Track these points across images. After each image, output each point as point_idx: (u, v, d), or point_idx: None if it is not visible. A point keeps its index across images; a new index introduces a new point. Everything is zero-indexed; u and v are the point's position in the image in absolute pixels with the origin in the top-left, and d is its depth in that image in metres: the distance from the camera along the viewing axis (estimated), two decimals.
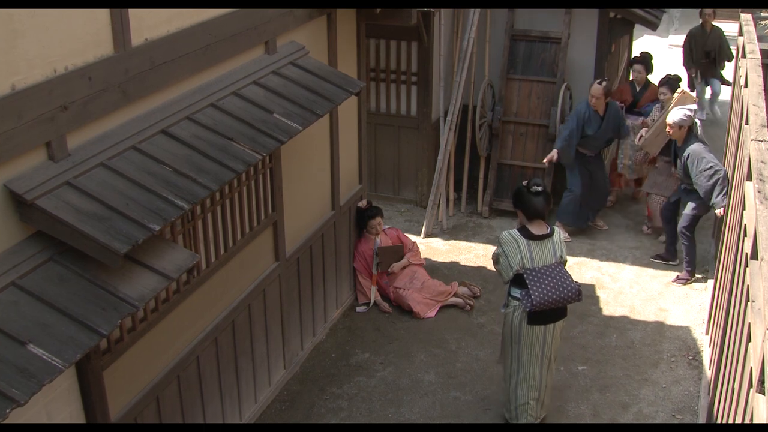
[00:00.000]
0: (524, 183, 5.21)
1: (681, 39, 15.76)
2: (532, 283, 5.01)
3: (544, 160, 8.01)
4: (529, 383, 5.31)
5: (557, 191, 8.60)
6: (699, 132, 7.20)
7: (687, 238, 7.35)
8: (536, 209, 5.12)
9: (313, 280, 6.37)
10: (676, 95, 7.70)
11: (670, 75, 8.28)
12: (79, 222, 3.27)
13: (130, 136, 3.82)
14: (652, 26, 9.11)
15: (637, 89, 8.72)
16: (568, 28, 8.52)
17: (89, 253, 3.28)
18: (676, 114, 7.09)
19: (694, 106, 7.47)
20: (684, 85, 9.39)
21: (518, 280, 5.11)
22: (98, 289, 3.29)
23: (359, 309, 7.10)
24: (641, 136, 7.91)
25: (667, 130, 7.20)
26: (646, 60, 8.74)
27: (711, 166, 6.88)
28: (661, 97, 8.18)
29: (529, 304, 5.02)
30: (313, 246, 6.27)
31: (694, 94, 8.88)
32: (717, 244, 7.22)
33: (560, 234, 5.25)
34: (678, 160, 7.19)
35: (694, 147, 7.00)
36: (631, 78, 8.87)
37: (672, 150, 7.40)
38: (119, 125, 3.83)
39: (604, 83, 7.80)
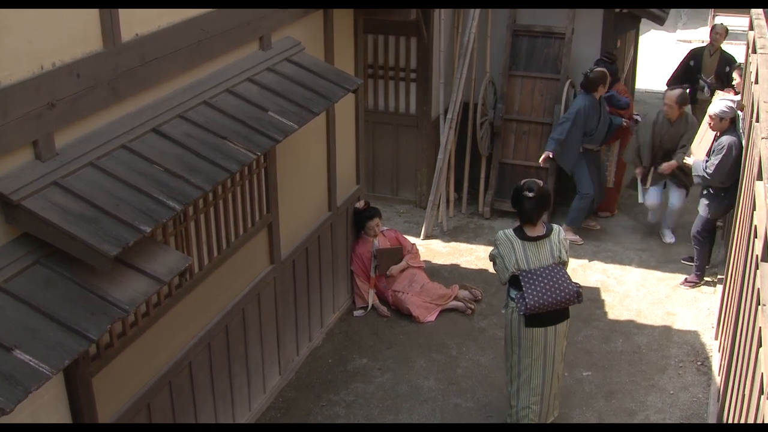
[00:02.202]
0: (522, 183, 5.20)
1: (689, 34, 15.82)
2: (527, 285, 5.01)
3: (540, 161, 8.02)
4: (531, 387, 5.31)
5: (560, 192, 8.60)
6: (740, 126, 6.95)
7: (698, 242, 7.32)
8: (526, 215, 5.12)
9: (310, 284, 6.37)
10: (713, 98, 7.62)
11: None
12: (67, 223, 3.26)
13: (119, 135, 3.81)
14: (660, 21, 9.12)
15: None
16: (572, 23, 8.53)
17: (77, 256, 3.27)
18: (717, 105, 6.95)
19: (738, 97, 7.40)
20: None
21: (516, 281, 5.11)
22: (87, 293, 3.28)
23: (357, 313, 7.10)
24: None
25: (707, 122, 7.07)
26: (610, 66, 8.20)
27: (723, 156, 6.79)
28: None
29: (522, 308, 5.02)
30: (309, 248, 6.26)
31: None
32: (726, 246, 7.22)
33: (559, 233, 5.23)
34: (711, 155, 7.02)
35: (725, 138, 6.86)
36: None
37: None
38: (109, 123, 3.82)
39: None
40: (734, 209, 6.77)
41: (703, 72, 9.82)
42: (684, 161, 7.45)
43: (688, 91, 8.41)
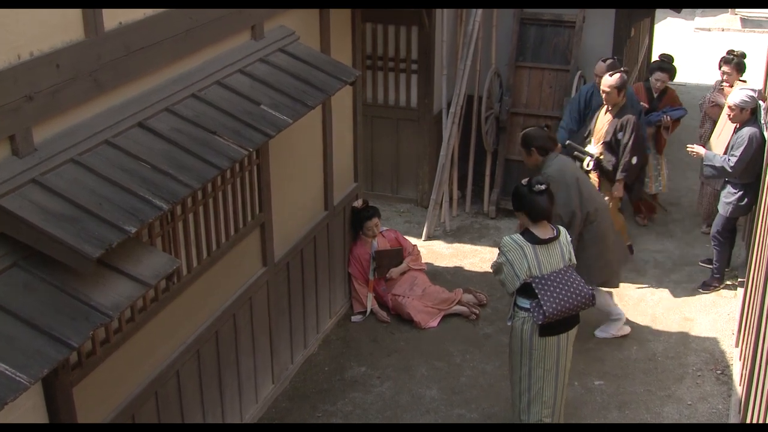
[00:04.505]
0: (524, 182, 5.16)
1: (708, 22, 15.79)
2: (543, 292, 4.97)
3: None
4: (543, 400, 5.28)
5: None
6: (762, 117, 6.89)
7: (718, 243, 7.31)
8: (542, 209, 5.07)
9: (305, 287, 6.36)
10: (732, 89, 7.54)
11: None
12: (47, 223, 3.25)
13: (103, 130, 3.80)
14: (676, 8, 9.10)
15: (654, 95, 8.25)
16: (582, 10, 8.52)
17: (58, 258, 3.26)
18: (737, 95, 6.93)
19: (759, 86, 7.37)
20: None
21: (525, 289, 5.07)
22: (68, 298, 3.27)
23: (355, 318, 7.09)
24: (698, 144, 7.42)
25: (727, 113, 7.05)
26: (670, 68, 8.23)
27: (744, 148, 6.77)
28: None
29: (541, 317, 4.97)
30: (304, 249, 6.25)
31: None
32: (748, 247, 7.20)
33: (566, 235, 5.22)
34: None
35: (746, 130, 6.85)
36: (650, 80, 8.29)
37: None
38: (91, 117, 3.80)
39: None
40: (756, 207, 6.75)
41: (594, 135, 7.36)
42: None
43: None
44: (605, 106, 7.29)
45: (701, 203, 8.39)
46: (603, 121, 7.33)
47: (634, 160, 7.17)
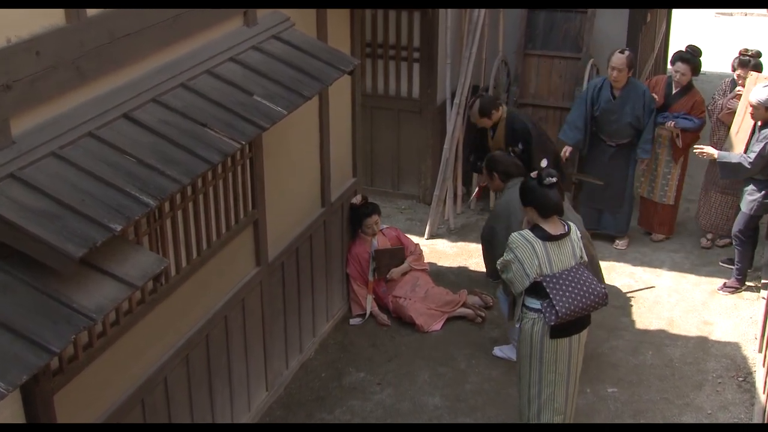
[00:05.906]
0: (533, 175, 5.15)
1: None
2: (554, 291, 4.97)
3: (563, 156, 7.82)
4: (554, 406, 5.28)
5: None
6: None
7: (740, 242, 7.31)
8: (554, 204, 5.06)
9: (300, 288, 6.36)
10: (748, 80, 7.48)
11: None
12: (26, 221, 3.24)
13: (86, 121, 3.79)
14: None
15: (673, 90, 7.86)
16: None
17: (38, 258, 3.25)
18: (760, 92, 6.87)
19: None
20: None
21: (535, 289, 5.07)
22: (49, 300, 3.26)
23: (353, 321, 7.09)
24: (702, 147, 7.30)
25: (749, 111, 6.99)
26: (693, 60, 7.76)
27: (762, 148, 6.74)
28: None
29: (553, 317, 4.97)
30: (300, 248, 6.25)
31: None
32: None
33: (577, 231, 5.21)
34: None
35: None
36: (670, 74, 7.99)
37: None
38: (73, 108, 3.79)
39: (627, 53, 7.49)
40: None
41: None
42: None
43: None
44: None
45: (706, 213, 8.16)
46: (497, 139, 7.45)
47: (544, 163, 6.95)
